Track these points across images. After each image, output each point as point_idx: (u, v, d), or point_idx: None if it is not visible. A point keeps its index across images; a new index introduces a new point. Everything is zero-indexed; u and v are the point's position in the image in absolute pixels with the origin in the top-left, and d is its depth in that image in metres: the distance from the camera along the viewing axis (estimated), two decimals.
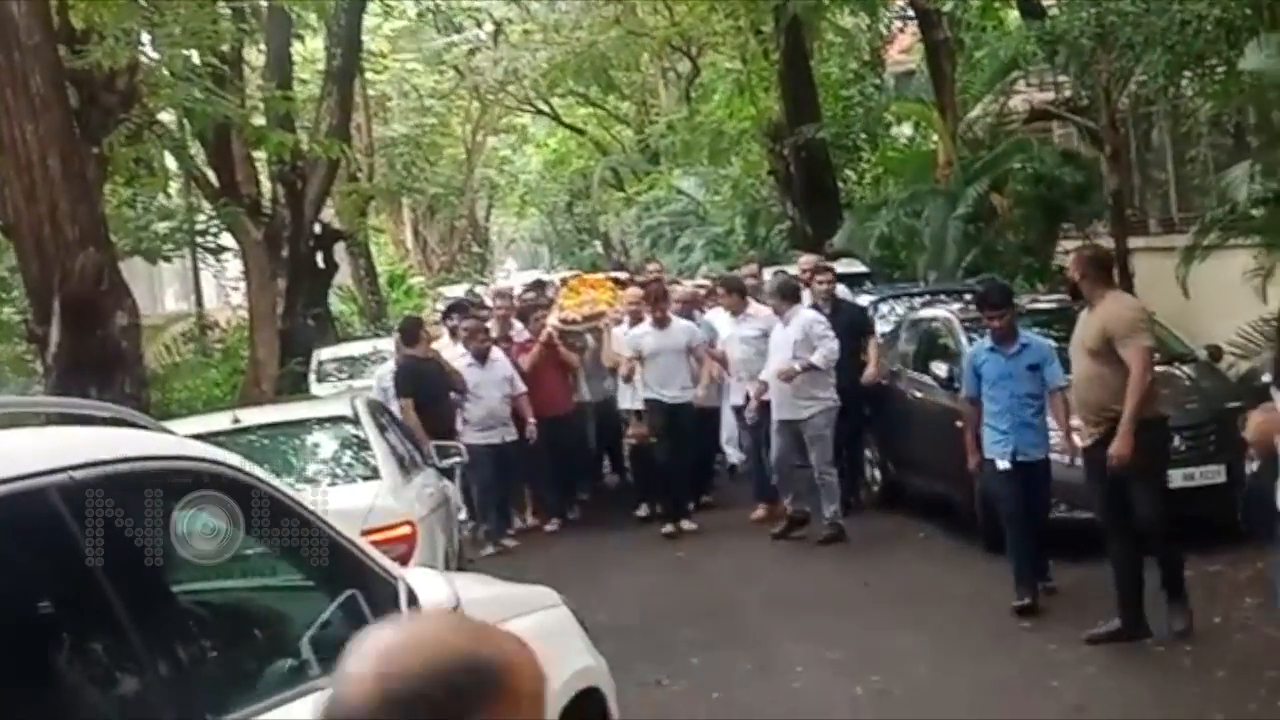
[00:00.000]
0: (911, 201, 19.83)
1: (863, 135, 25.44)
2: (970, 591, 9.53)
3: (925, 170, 20.80)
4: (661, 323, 13.05)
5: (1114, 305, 8.36)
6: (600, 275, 17.50)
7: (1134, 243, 17.54)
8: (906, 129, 25.61)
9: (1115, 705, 7.41)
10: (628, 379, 13.12)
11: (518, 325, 14.32)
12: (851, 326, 12.69)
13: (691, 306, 14.27)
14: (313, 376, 19.13)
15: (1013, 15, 21.61)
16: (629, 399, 13.42)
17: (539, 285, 17.89)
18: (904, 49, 27.26)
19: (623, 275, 17.54)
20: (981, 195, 18.42)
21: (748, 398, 12.55)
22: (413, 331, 13.20)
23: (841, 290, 13.93)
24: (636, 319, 13.44)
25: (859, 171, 25.63)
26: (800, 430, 11.79)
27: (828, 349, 11.77)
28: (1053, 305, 13.46)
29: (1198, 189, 18.50)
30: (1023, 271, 17.67)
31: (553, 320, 14.00)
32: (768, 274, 15.27)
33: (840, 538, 11.68)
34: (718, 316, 13.81)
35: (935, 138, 21.57)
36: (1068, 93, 20.44)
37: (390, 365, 13.52)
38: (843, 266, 15.91)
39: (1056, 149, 20.50)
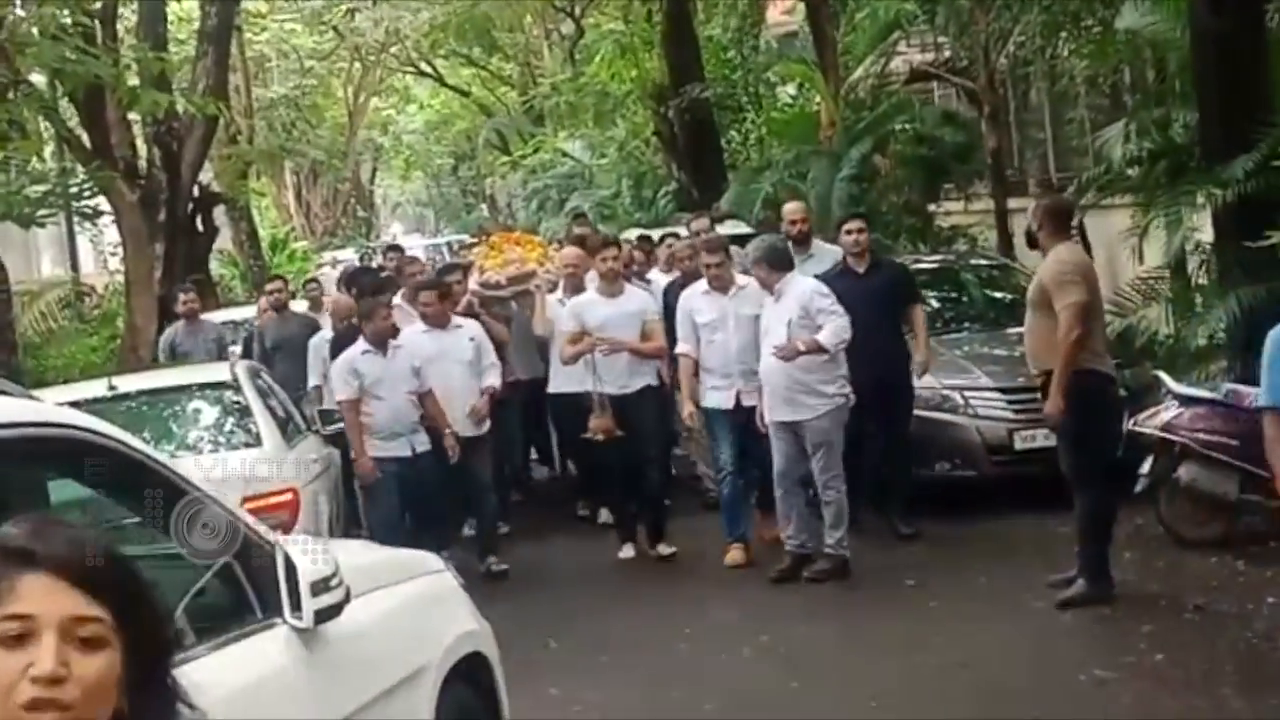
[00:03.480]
0: (796, 163, 19.87)
1: (745, 97, 25.46)
2: (857, 551, 9.50)
3: (809, 132, 20.85)
4: (613, 287, 10.28)
5: (1052, 258, 8.23)
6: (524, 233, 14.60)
7: (1013, 203, 17.73)
8: (790, 90, 25.66)
9: (996, 660, 7.50)
10: (572, 361, 10.27)
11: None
12: (894, 292, 10.13)
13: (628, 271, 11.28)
14: None
15: None
16: (570, 380, 10.52)
17: (397, 250, 16.74)
18: (786, 9, 27.28)
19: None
20: (865, 156, 18.49)
21: (738, 401, 9.64)
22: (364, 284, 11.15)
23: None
24: (575, 286, 11.02)
25: (743, 133, 25.64)
26: (804, 434, 9.17)
27: (837, 326, 9.00)
28: (935, 265, 13.62)
29: (1075, 149, 18.76)
30: (906, 231, 17.81)
31: (472, 285, 11.60)
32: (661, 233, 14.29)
33: (844, 571, 9.23)
34: (695, 295, 9.99)
35: (818, 99, 21.63)
36: (947, 54, 20.60)
37: (326, 335, 11.29)
38: (729, 228, 15.87)
39: (937, 110, 20.67)
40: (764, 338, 9.24)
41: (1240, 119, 10.55)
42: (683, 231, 14.18)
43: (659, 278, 11.91)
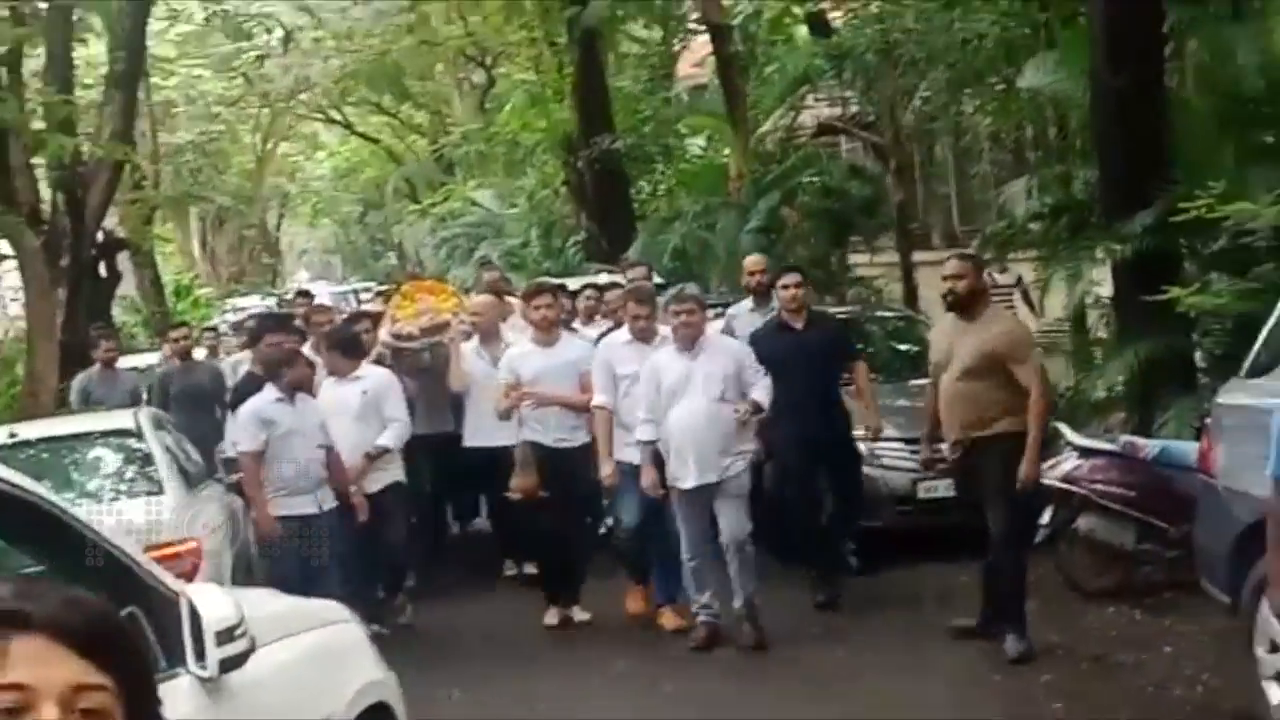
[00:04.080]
0: (704, 214, 20.04)
1: (655, 148, 25.64)
2: (764, 599, 9.46)
3: (718, 183, 21.05)
4: (548, 336, 9.77)
5: (1003, 323, 8.32)
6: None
7: (918, 256, 17.98)
8: (699, 142, 25.88)
9: (900, 708, 7.55)
10: (506, 416, 9.76)
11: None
12: (830, 349, 9.84)
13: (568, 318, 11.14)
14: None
15: (802, 31, 22.01)
16: (490, 434, 10.12)
17: (307, 295, 16.52)
18: (696, 62, 27.55)
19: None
20: (772, 208, 18.70)
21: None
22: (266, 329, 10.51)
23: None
24: (488, 334, 10.80)
25: (653, 184, 25.81)
26: (713, 494, 8.80)
27: (766, 386, 8.82)
28: (845, 317, 13.74)
29: (979, 203, 19.09)
30: (813, 284, 17.98)
31: (384, 336, 11.10)
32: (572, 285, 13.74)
33: (764, 641, 8.82)
34: (616, 345, 9.60)
35: (727, 151, 21.84)
36: (854, 108, 20.90)
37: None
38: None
39: (844, 163, 20.95)
40: (677, 394, 8.74)
41: (1139, 176, 10.76)
42: (603, 280, 14.06)
43: (586, 331, 11.25)
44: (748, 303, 11.20)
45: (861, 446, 10.46)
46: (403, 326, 11.11)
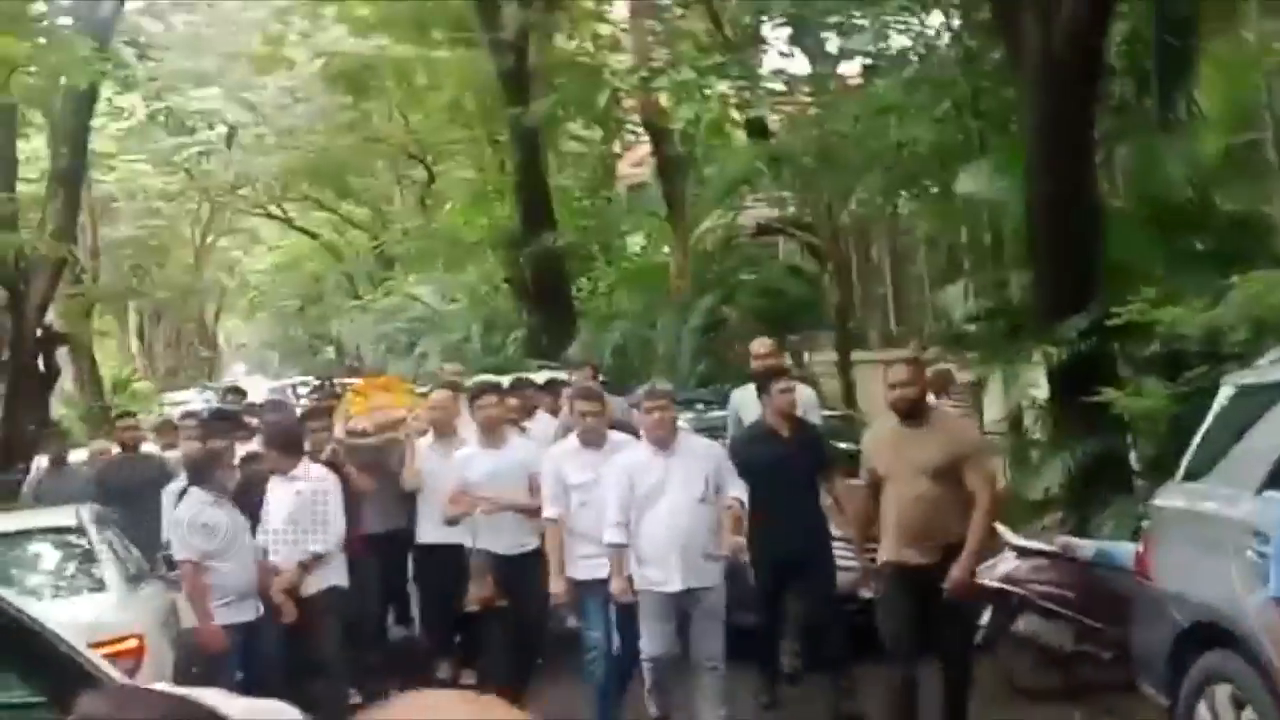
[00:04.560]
0: (645, 312, 20.21)
1: (596, 245, 25.84)
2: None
3: (658, 281, 21.24)
4: (492, 435, 9.28)
5: (958, 423, 8.23)
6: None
7: (855, 355, 18.15)
8: (639, 240, 26.10)
9: None
10: (454, 521, 9.30)
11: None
12: (814, 457, 9.20)
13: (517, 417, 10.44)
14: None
15: (740, 134, 22.33)
16: (444, 531, 9.57)
17: (239, 393, 16.51)
18: (637, 162, 27.85)
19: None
20: (711, 307, 18.88)
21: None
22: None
23: None
24: (444, 431, 10.29)
25: (593, 281, 25.99)
26: (692, 605, 8.14)
27: (743, 492, 8.37)
28: None
29: (914, 304, 19.32)
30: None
31: (338, 433, 10.61)
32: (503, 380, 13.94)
33: None
34: (565, 453, 8.87)
35: (667, 250, 22.06)
36: (792, 209, 21.17)
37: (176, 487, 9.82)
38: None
39: (782, 263, 21.17)
40: (655, 494, 8.16)
41: (1073, 281, 10.96)
42: (543, 378, 13.95)
43: (532, 427, 10.76)
44: (750, 389, 10.15)
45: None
46: (356, 423, 10.72)
